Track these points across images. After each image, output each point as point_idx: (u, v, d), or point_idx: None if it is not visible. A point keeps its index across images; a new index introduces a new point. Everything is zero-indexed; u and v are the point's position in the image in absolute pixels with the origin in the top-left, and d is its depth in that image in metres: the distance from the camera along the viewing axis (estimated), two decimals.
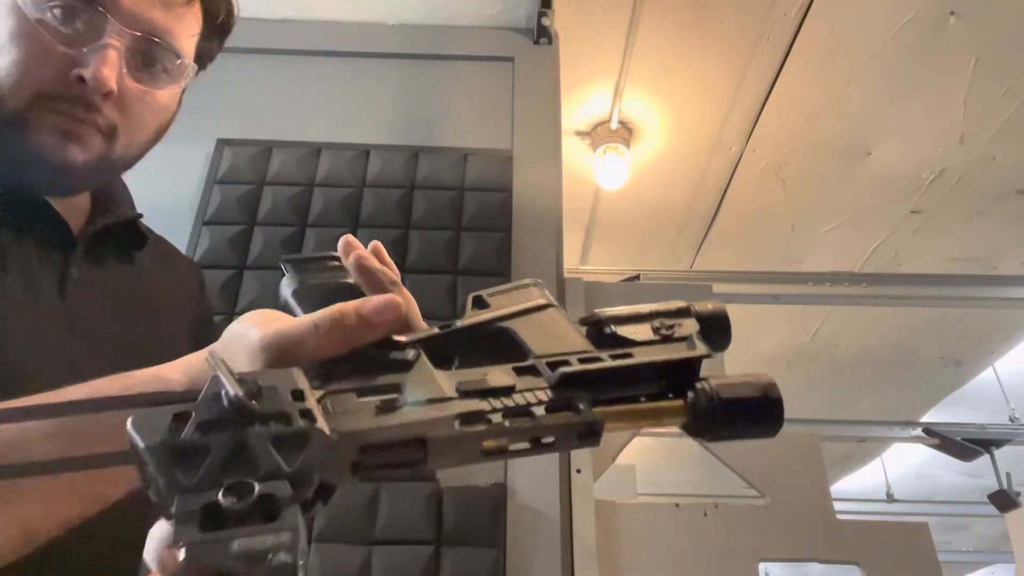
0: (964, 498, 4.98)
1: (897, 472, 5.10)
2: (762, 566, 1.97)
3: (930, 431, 3.51)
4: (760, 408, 0.36)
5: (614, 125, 2.78)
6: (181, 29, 0.68)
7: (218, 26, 0.74)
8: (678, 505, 1.79)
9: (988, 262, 3.36)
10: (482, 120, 2.03)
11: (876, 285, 2.48)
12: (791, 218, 3.19)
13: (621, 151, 2.82)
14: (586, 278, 1.98)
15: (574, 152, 2.88)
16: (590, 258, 3.45)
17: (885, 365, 4.00)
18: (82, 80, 0.62)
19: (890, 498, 5.01)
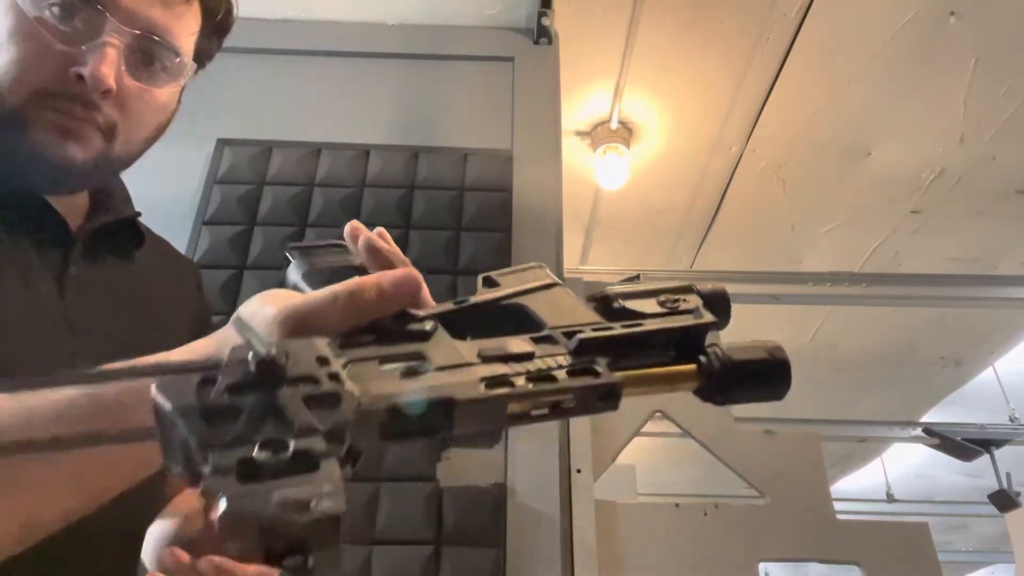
0: (964, 498, 4.98)
1: (897, 472, 5.10)
2: (762, 566, 1.97)
3: (930, 431, 3.51)
4: (769, 368, 0.38)
5: (614, 125, 2.77)
6: (180, 27, 0.68)
7: (217, 25, 0.74)
8: (678, 505, 1.79)
9: (988, 262, 3.36)
10: (482, 120, 2.02)
11: (876, 285, 2.48)
12: (791, 218, 3.19)
13: (621, 151, 2.82)
14: (586, 278, 1.98)
15: (574, 152, 2.88)
16: (590, 258, 3.45)
17: (885, 365, 4.00)
18: (81, 78, 0.62)
19: (890, 498, 5.02)
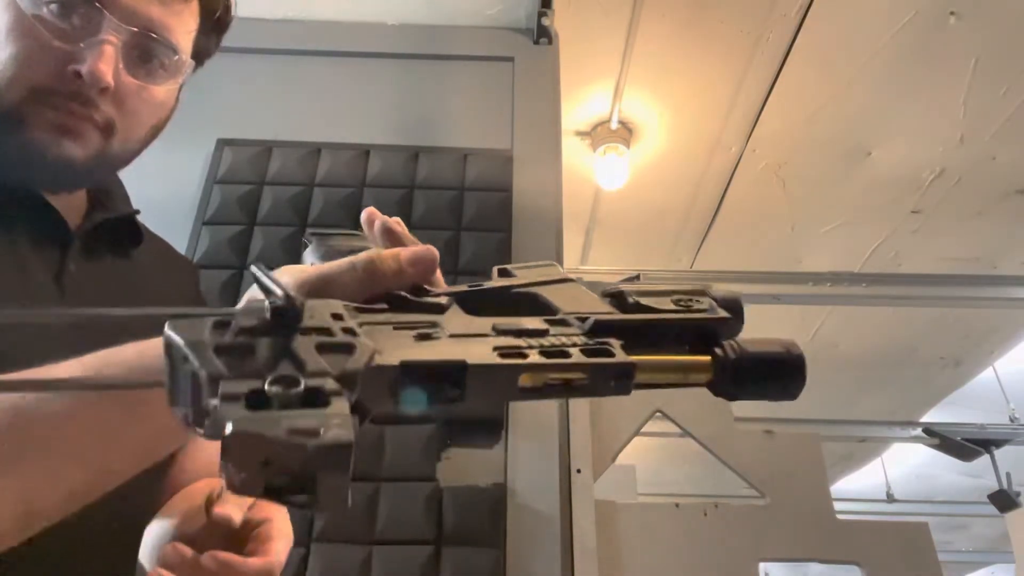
0: (964, 498, 4.98)
1: (897, 472, 5.10)
2: (762, 566, 1.97)
3: (930, 431, 3.51)
4: (785, 364, 0.37)
5: (614, 125, 2.77)
6: (178, 25, 0.68)
7: (215, 22, 0.74)
8: (678, 505, 1.79)
9: (988, 262, 3.36)
10: (482, 120, 2.02)
11: (876, 285, 2.48)
12: (791, 218, 3.19)
13: (621, 151, 2.82)
14: (586, 278, 1.96)
15: (574, 152, 2.88)
16: (590, 258, 3.45)
17: (885, 365, 4.00)
18: (79, 76, 0.62)
19: (890, 498, 5.02)
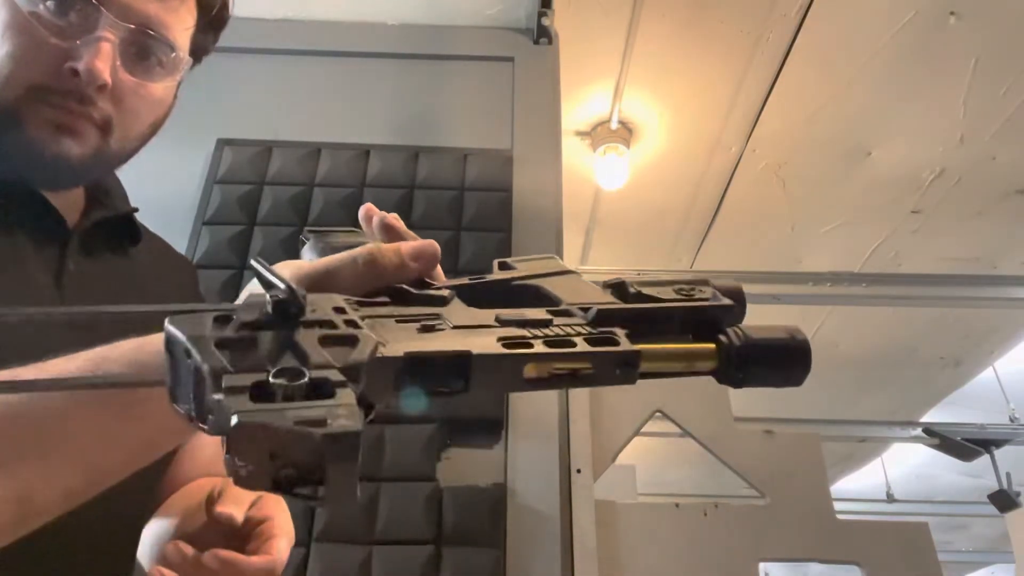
0: (964, 498, 4.98)
1: (897, 472, 5.10)
2: (762, 566, 1.97)
3: (930, 431, 3.51)
4: (790, 350, 0.37)
5: (614, 125, 2.77)
6: (175, 22, 0.68)
7: (213, 19, 0.74)
8: (678, 505, 1.78)
9: (988, 262, 3.36)
10: (482, 120, 2.02)
11: (876, 285, 2.48)
12: (791, 218, 3.19)
13: (621, 151, 2.82)
14: (586, 278, 1.98)
15: (574, 152, 2.88)
16: (590, 258, 3.45)
17: (885, 365, 4.00)
18: (76, 73, 0.62)
19: (890, 498, 5.02)
